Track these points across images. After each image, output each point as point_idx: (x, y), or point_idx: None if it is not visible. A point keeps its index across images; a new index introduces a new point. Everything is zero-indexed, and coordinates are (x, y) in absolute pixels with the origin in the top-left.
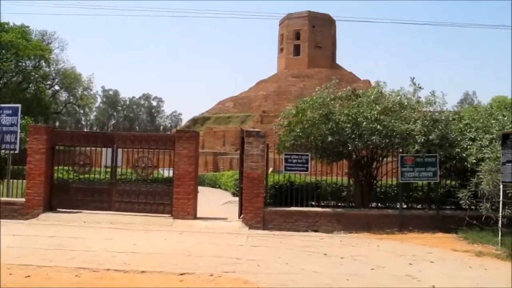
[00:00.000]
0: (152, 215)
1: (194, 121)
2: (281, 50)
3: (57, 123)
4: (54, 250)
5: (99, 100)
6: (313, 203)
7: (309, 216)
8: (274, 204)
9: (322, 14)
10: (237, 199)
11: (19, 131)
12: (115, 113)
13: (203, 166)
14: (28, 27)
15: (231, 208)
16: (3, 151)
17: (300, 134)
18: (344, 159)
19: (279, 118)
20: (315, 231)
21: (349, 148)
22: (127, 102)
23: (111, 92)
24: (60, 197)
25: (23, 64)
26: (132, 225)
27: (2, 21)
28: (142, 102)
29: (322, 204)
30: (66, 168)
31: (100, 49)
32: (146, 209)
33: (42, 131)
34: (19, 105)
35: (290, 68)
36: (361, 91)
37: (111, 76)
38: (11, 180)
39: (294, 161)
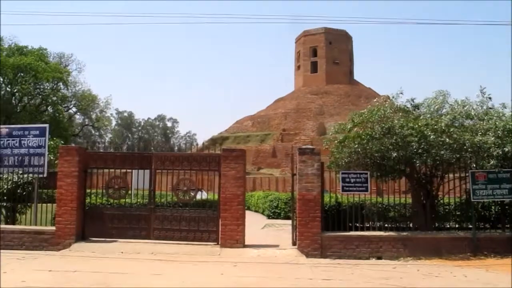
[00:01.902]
0: (197, 244)
1: (213, 141)
2: (298, 67)
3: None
4: None
5: (114, 122)
6: (357, 225)
7: (371, 241)
8: (325, 228)
9: (339, 30)
10: (274, 221)
11: (47, 153)
12: (129, 135)
13: None
14: (46, 49)
15: (273, 232)
16: (30, 175)
17: (359, 150)
18: (405, 177)
19: (330, 133)
20: (379, 258)
21: (417, 164)
22: (142, 124)
23: (125, 114)
24: (93, 224)
25: (42, 86)
26: (177, 256)
27: (20, 45)
28: (157, 123)
29: (367, 225)
30: (96, 191)
31: (114, 72)
32: (189, 237)
33: (74, 153)
34: (46, 125)
35: (308, 85)
36: (420, 101)
37: (126, 98)
38: (39, 205)
39: (352, 180)
